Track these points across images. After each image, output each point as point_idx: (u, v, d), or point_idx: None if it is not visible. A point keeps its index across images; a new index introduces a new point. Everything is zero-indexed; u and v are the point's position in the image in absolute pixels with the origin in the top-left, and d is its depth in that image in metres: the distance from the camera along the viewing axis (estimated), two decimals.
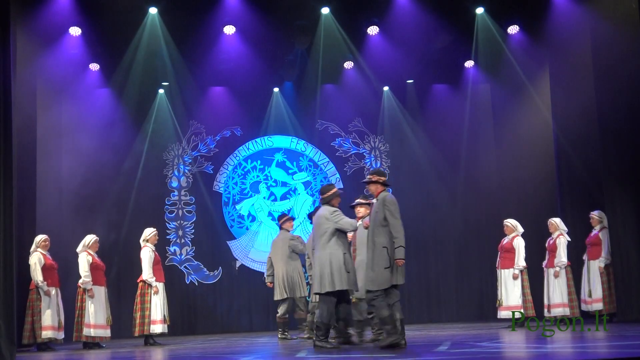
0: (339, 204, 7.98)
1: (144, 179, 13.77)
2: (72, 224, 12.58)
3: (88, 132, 13.22)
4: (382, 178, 7.53)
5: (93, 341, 10.15)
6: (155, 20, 11.87)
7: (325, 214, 7.75)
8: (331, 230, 7.64)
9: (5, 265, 7.68)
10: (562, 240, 10.62)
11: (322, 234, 7.68)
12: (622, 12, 10.34)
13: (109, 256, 12.32)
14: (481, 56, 13.22)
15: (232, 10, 11.77)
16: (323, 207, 7.87)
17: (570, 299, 10.54)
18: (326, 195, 7.91)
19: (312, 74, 13.76)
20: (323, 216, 7.75)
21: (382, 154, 14.79)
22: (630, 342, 6.42)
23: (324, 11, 12.25)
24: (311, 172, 14.61)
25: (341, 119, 14.72)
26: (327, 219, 7.70)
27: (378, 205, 7.33)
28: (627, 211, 10.40)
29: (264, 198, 14.36)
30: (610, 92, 10.61)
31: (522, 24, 12.64)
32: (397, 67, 13.57)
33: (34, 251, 10.09)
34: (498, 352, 6.27)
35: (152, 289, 10.29)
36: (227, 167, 14.38)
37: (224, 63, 13.02)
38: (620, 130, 10.49)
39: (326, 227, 7.66)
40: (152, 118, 13.97)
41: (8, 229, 7.79)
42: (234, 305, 13.86)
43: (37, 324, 9.82)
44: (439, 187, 14.38)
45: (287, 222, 10.88)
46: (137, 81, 12.97)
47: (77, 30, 11.79)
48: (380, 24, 12.57)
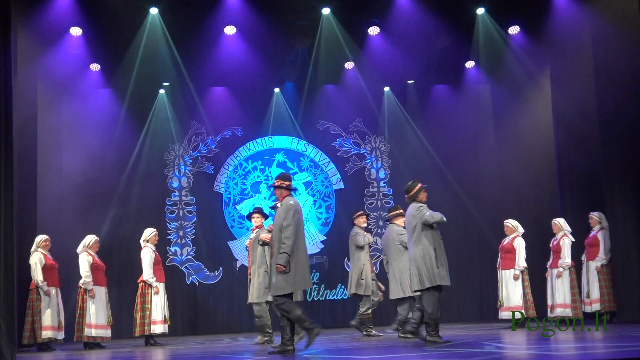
0: (426, 197, 8.05)
1: (145, 179, 13.77)
2: (73, 224, 12.58)
3: (89, 133, 13.23)
4: (285, 182, 7.47)
5: (94, 341, 10.15)
6: (156, 20, 11.87)
7: (412, 211, 7.85)
8: (419, 226, 7.72)
9: (5, 265, 7.68)
10: (566, 241, 10.62)
11: (412, 231, 7.79)
12: (623, 12, 10.34)
13: (109, 256, 12.33)
14: (482, 57, 13.22)
15: (233, 10, 11.77)
16: (411, 205, 7.97)
17: (574, 300, 10.54)
18: (412, 193, 8.00)
19: (313, 74, 13.77)
20: (411, 213, 7.87)
21: (383, 154, 14.80)
22: (630, 343, 6.41)
23: (324, 11, 12.25)
24: (312, 173, 14.61)
25: (342, 119, 14.73)
26: (414, 215, 7.80)
27: (280, 210, 7.32)
28: (628, 211, 10.40)
29: (264, 198, 14.37)
30: (611, 93, 10.61)
31: (522, 24, 12.63)
32: (397, 68, 13.58)
33: (35, 251, 10.09)
34: (498, 352, 6.26)
35: (153, 289, 10.30)
36: (228, 167, 14.39)
37: (225, 63, 13.03)
38: (621, 130, 10.49)
39: (414, 224, 7.76)
40: (153, 118, 13.99)
41: (9, 229, 7.80)
42: (235, 306, 13.86)
43: (37, 324, 9.82)
44: (439, 187, 14.34)
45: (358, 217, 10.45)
46: (138, 81, 12.98)
47: (78, 30, 11.79)
48: (381, 25, 12.57)
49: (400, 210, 9.77)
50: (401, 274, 9.38)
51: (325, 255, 14.25)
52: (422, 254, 7.62)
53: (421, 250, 7.64)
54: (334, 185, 14.59)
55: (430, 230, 7.69)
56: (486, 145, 14.69)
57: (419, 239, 7.69)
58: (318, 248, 14.29)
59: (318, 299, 14.12)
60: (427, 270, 7.56)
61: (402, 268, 9.37)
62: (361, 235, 10.04)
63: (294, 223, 7.15)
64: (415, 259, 7.67)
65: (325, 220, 14.46)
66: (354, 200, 14.55)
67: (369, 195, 14.62)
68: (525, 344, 7.17)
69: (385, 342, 8.53)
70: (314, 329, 7.12)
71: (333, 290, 14.19)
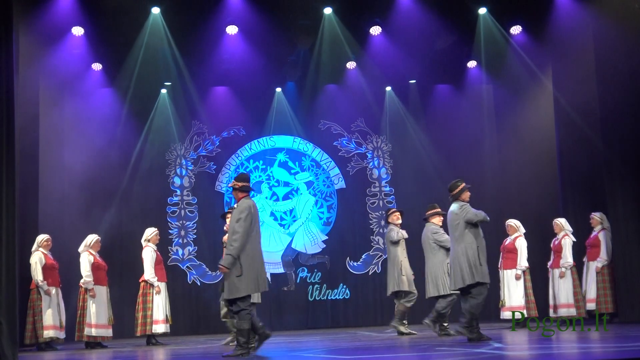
0: (469, 197, 8.11)
1: (147, 178, 13.78)
2: (74, 224, 12.59)
3: (91, 132, 13.24)
4: (239, 184, 7.37)
5: (95, 341, 10.17)
6: (158, 20, 11.87)
7: (455, 209, 7.91)
8: (462, 224, 7.78)
9: (7, 265, 7.69)
10: (567, 240, 10.62)
11: (454, 229, 7.86)
12: (625, 12, 10.34)
13: (111, 256, 12.33)
14: (484, 56, 13.20)
15: (235, 10, 11.77)
16: (453, 204, 8.02)
17: (576, 299, 10.53)
18: (455, 191, 8.06)
19: (315, 74, 13.76)
20: (453, 212, 7.93)
21: (385, 153, 14.79)
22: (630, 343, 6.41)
23: (326, 11, 12.24)
24: (313, 172, 14.61)
25: (343, 119, 14.73)
26: (456, 214, 7.86)
27: (235, 211, 7.22)
28: (630, 211, 10.40)
29: (266, 198, 14.37)
30: (613, 92, 10.60)
31: (524, 24, 12.62)
32: (399, 67, 13.56)
33: (35, 251, 10.10)
34: (499, 352, 6.26)
35: (154, 288, 10.30)
36: (230, 167, 14.39)
37: (227, 63, 13.03)
38: (623, 130, 10.49)
39: (457, 222, 7.83)
40: (155, 118, 14.00)
41: (11, 228, 7.81)
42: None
43: (39, 324, 9.84)
44: (441, 186, 14.32)
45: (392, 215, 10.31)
46: (140, 81, 12.98)
47: (80, 30, 11.80)
48: (383, 24, 12.56)
49: (437, 209, 9.76)
50: (436, 273, 9.36)
51: (327, 255, 14.25)
52: (465, 251, 7.72)
53: (464, 248, 7.74)
54: (336, 185, 14.59)
55: (473, 229, 7.81)
56: (488, 145, 14.68)
57: (461, 237, 7.78)
58: (320, 248, 14.29)
59: (320, 298, 14.12)
60: (470, 267, 7.67)
61: (437, 267, 9.36)
62: (395, 231, 10.00)
63: (245, 225, 7.03)
64: (457, 257, 7.77)
65: (327, 220, 14.46)
66: (356, 200, 14.56)
67: (371, 194, 14.62)
68: (525, 344, 7.17)
69: (385, 342, 8.53)
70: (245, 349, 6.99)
71: (334, 290, 14.19)
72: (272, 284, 14.06)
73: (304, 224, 14.33)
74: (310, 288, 14.15)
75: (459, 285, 7.76)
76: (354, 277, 14.28)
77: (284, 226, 14.33)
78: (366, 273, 14.30)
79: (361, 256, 14.35)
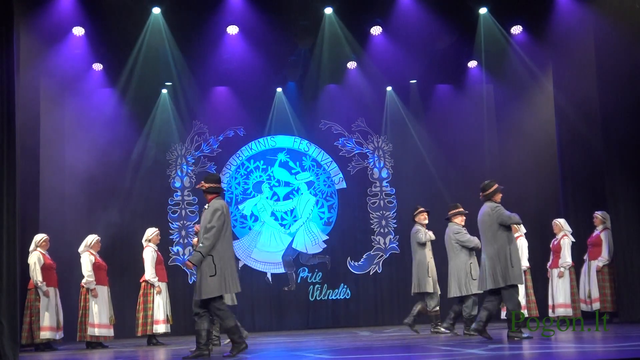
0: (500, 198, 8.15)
1: (147, 179, 13.79)
2: (75, 223, 12.61)
3: (91, 132, 13.25)
4: (207, 185, 7.32)
5: (97, 341, 10.18)
6: (159, 20, 11.87)
7: (488, 210, 7.95)
8: (495, 226, 7.82)
9: (8, 265, 7.70)
10: (566, 241, 10.62)
11: (486, 230, 7.89)
12: (625, 12, 10.34)
13: (111, 256, 12.34)
14: (484, 56, 13.19)
15: (236, 10, 11.77)
16: (485, 204, 8.06)
17: (573, 300, 10.54)
18: (488, 192, 8.12)
19: (315, 74, 13.76)
20: (486, 213, 7.96)
21: (386, 153, 14.79)
22: (630, 343, 6.41)
23: (327, 11, 12.24)
24: (314, 172, 14.61)
25: (344, 118, 14.73)
26: (489, 215, 7.90)
27: (207, 212, 7.20)
28: (630, 211, 10.39)
29: (266, 198, 14.38)
30: (614, 92, 10.60)
31: (525, 24, 12.62)
32: (400, 67, 13.56)
33: (33, 250, 10.09)
34: (499, 353, 6.26)
35: (155, 288, 10.31)
36: (230, 167, 14.40)
37: (227, 63, 13.03)
38: (623, 130, 10.48)
39: (490, 223, 7.86)
40: (155, 118, 14.00)
41: (11, 228, 7.82)
42: (237, 306, 13.82)
43: (36, 324, 9.82)
44: (441, 186, 14.36)
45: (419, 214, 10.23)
46: (140, 81, 12.97)
47: (81, 30, 11.81)
48: (384, 24, 12.56)
49: (460, 208, 9.70)
50: (458, 273, 9.32)
51: (328, 255, 14.25)
52: (497, 252, 7.75)
53: (496, 250, 7.76)
54: (337, 184, 14.59)
55: (506, 231, 7.83)
56: (488, 144, 14.67)
57: (494, 238, 7.81)
58: (320, 248, 14.29)
59: (320, 298, 14.13)
60: (502, 269, 7.70)
61: (459, 267, 9.33)
62: (422, 232, 9.98)
63: (218, 225, 7.00)
64: (490, 258, 7.79)
65: (328, 219, 14.46)
66: (357, 200, 14.56)
67: (372, 194, 14.62)
68: (525, 343, 7.17)
69: (385, 342, 8.54)
70: (242, 344, 7.00)
71: (335, 290, 14.19)
72: (273, 284, 14.09)
73: (305, 223, 14.34)
74: (311, 288, 14.15)
75: (491, 287, 7.80)
76: (354, 277, 14.28)
77: (284, 226, 14.33)
78: (367, 273, 14.30)
79: (362, 256, 14.36)
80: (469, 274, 9.16)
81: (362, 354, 6.95)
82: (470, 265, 9.19)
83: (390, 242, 14.36)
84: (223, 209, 7.12)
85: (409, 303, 14.18)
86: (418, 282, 9.87)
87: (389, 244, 14.35)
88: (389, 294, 14.22)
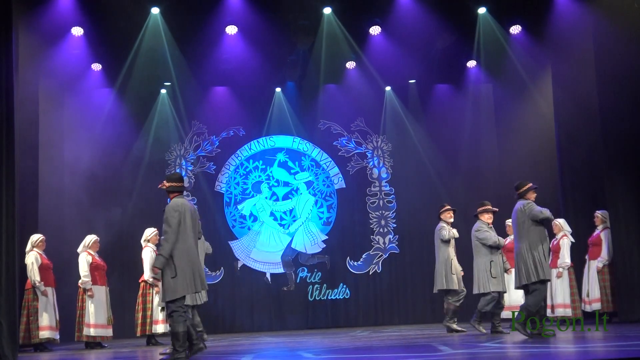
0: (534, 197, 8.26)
1: (146, 179, 13.77)
2: (74, 223, 12.59)
3: (90, 132, 13.25)
4: (167, 184, 7.24)
5: (94, 341, 10.17)
6: (158, 20, 11.87)
7: (520, 207, 8.09)
8: (527, 222, 7.97)
9: (7, 265, 7.70)
10: (566, 241, 10.61)
11: (519, 227, 8.04)
12: (624, 11, 10.34)
13: (111, 256, 12.33)
14: (483, 56, 13.20)
15: (234, 10, 11.77)
16: (518, 202, 8.21)
17: (573, 300, 10.53)
18: (522, 190, 8.26)
19: (314, 73, 13.77)
20: (518, 209, 8.12)
21: (385, 153, 14.79)
22: (630, 343, 6.41)
23: (326, 11, 12.24)
24: (313, 172, 14.61)
25: (343, 118, 14.73)
26: (522, 211, 8.04)
27: (165, 212, 7.10)
28: (630, 211, 10.40)
29: (265, 198, 14.37)
30: (613, 92, 10.61)
31: (524, 23, 12.62)
32: (399, 67, 13.57)
33: (30, 251, 10.07)
34: (499, 352, 6.26)
35: (154, 289, 10.31)
36: (229, 167, 14.39)
37: (226, 63, 13.03)
38: (622, 129, 10.49)
39: (522, 220, 8.02)
40: (154, 118, 13.99)
41: (10, 228, 7.82)
42: (236, 306, 13.86)
43: (34, 324, 9.81)
44: (440, 186, 14.36)
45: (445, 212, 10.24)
46: (139, 81, 12.98)
47: (80, 30, 11.80)
48: (383, 24, 12.55)
49: (487, 206, 9.68)
50: (479, 271, 9.35)
51: (327, 255, 14.25)
52: (529, 248, 7.89)
53: (527, 245, 7.92)
54: (336, 184, 14.59)
55: (538, 227, 7.97)
56: (488, 144, 14.67)
57: (526, 234, 7.96)
58: (320, 247, 14.28)
59: (320, 298, 14.12)
60: (534, 264, 7.83)
61: (479, 264, 9.37)
62: (446, 229, 10.00)
63: (174, 225, 6.87)
64: (521, 254, 7.93)
65: (327, 219, 14.45)
66: (356, 200, 14.56)
67: (371, 194, 14.62)
68: (525, 343, 7.17)
69: (385, 342, 8.53)
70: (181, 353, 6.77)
71: (335, 290, 14.18)
72: (272, 284, 14.08)
73: (304, 223, 14.33)
74: (310, 288, 14.15)
75: (523, 282, 7.92)
76: (354, 276, 14.27)
77: (283, 226, 14.33)
78: (366, 273, 14.30)
79: (361, 256, 14.35)
80: (489, 271, 9.22)
81: (361, 354, 6.95)
82: (490, 263, 9.25)
83: (390, 242, 14.35)
84: (180, 207, 6.99)
85: (408, 303, 14.25)
86: (444, 279, 9.83)
87: (388, 244, 14.34)
88: (389, 293, 14.22)
